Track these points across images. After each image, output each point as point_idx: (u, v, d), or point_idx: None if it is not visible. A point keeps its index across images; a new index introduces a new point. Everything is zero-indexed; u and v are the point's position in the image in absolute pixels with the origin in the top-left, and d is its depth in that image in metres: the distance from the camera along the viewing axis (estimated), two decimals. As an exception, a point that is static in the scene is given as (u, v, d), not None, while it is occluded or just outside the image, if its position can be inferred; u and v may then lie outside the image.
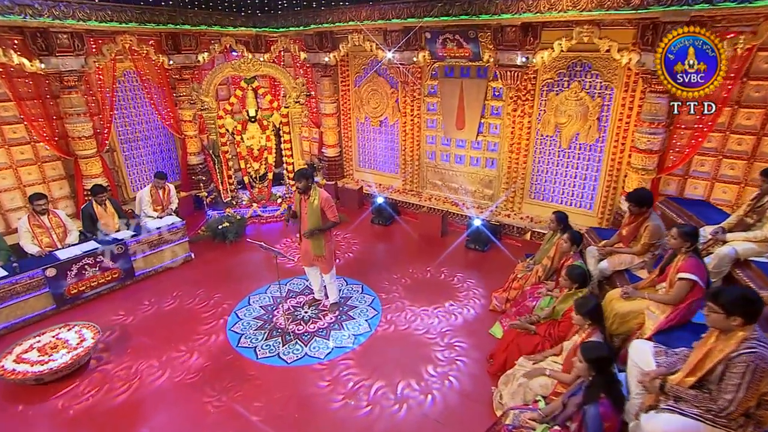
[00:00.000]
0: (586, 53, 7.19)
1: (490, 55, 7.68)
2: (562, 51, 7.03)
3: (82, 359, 5.20)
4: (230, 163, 9.14)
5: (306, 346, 5.65)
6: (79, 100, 7.93)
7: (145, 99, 9.23)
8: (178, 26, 8.88)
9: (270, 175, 9.50)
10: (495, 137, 8.50)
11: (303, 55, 9.84)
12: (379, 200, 9.16)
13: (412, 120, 9.30)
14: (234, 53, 9.91)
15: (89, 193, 7.29)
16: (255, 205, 9.24)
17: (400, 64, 8.65)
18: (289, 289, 6.88)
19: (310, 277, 6.19)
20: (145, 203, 7.71)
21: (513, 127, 8.11)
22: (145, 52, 8.71)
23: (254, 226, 9.00)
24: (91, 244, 6.76)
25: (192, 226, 8.19)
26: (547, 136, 7.96)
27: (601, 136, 7.51)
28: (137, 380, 5.08)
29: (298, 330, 5.96)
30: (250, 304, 6.57)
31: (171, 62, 9.07)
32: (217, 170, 8.96)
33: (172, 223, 7.47)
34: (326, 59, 9.50)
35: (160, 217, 7.62)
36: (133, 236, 7.07)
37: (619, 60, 6.57)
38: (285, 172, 9.72)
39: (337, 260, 7.32)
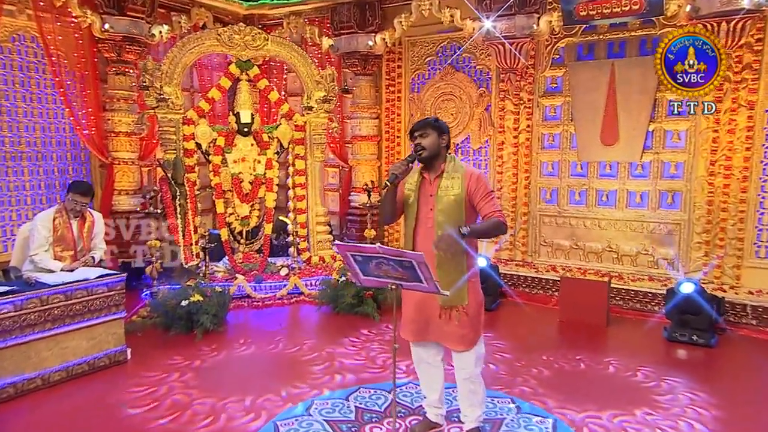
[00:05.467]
0: None
1: (680, 4, 6.24)
2: None
3: None
4: (198, 205, 7.20)
5: None
6: None
7: (48, 88, 7.50)
8: (127, -29, 7.37)
9: (267, 228, 7.48)
10: (678, 153, 6.90)
11: (327, 41, 8.50)
12: (481, 263, 6.71)
13: (515, 138, 7.81)
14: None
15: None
16: (240, 277, 6.98)
17: (505, 38, 7.22)
18: (356, 406, 4.39)
19: (423, 370, 3.93)
20: (39, 241, 5.22)
21: (717, 132, 6.49)
22: (61, 1, 6.90)
23: (240, 313, 6.68)
24: None
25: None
26: (789, 141, 6.35)
27: None
28: None
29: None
30: (279, 437, 3.81)
31: (106, 28, 7.29)
32: (179, 211, 6.87)
33: (99, 278, 5.08)
34: (370, 44, 8.14)
35: (70, 269, 5.19)
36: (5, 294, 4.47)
37: None
38: (292, 226, 7.57)
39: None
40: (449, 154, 3.60)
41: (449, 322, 3.55)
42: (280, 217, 7.98)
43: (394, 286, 3.15)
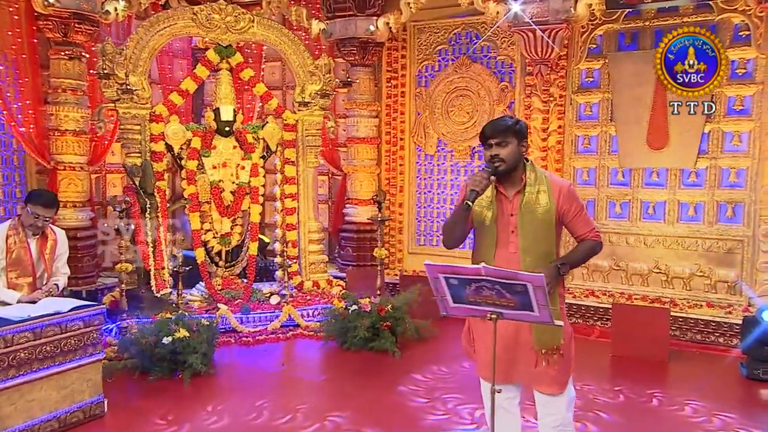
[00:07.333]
0: None
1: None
2: None
3: None
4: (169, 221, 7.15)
5: None
6: None
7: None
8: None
9: (252, 247, 7.32)
10: (739, 158, 6.92)
11: (318, 25, 8.31)
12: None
13: (544, 140, 7.77)
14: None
15: None
16: (224, 307, 6.72)
17: (535, 23, 7.10)
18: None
19: (497, 418, 3.53)
20: (-13, 265, 4.94)
21: (786, 132, 6.49)
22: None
23: (226, 351, 6.49)
24: None
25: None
26: None
27: None
28: None
29: None
30: None
31: (51, 1, 6.90)
32: (149, 227, 6.67)
33: (73, 310, 4.79)
34: (371, 29, 8.03)
35: (31, 301, 4.95)
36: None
37: None
38: (280, 245, 7.50)
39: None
40: (529, 163, 3.47)
41: (531, 369, 3.46)
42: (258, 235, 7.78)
43: (494, 316, 2.97)
